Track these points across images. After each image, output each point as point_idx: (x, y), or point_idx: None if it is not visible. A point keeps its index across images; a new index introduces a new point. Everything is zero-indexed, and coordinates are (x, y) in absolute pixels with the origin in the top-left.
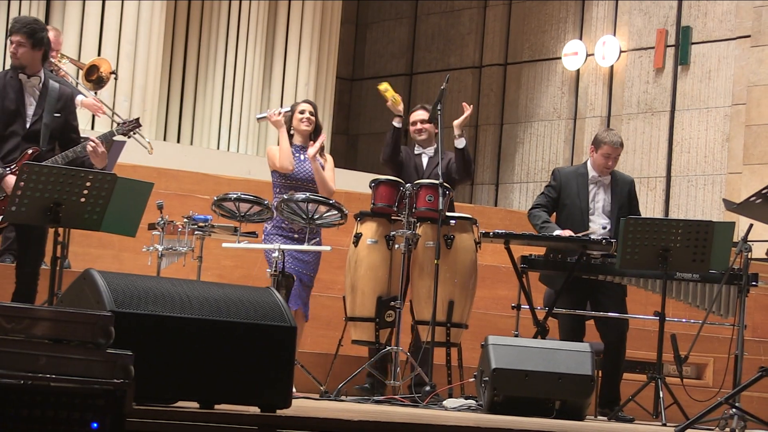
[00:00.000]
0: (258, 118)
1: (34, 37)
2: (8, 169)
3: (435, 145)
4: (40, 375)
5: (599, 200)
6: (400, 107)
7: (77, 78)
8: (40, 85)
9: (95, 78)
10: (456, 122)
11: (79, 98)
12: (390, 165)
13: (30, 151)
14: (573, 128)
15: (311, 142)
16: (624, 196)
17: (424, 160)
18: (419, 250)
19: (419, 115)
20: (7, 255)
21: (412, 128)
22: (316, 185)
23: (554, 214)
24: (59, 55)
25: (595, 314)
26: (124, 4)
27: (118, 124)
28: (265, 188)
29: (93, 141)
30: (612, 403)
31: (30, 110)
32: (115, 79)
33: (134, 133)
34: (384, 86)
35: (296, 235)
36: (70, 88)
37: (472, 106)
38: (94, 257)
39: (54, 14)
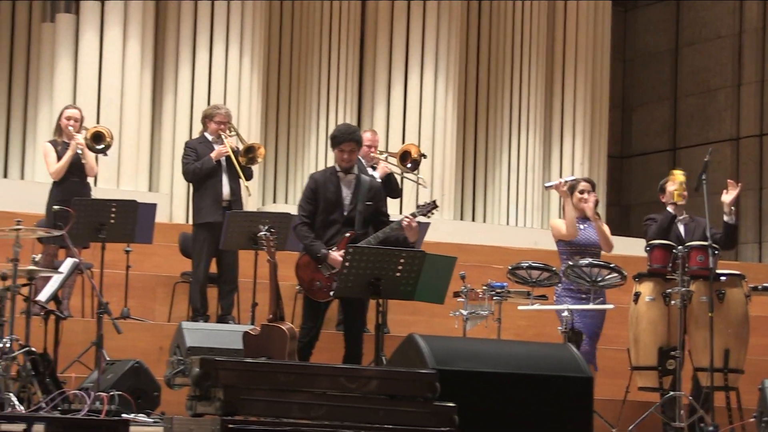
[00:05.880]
0: (546, 186)
1: (360, 142)
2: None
3: (685, 214)
4: (377, 426)
5: None
6: (679, 200)
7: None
8: (354, 179)
9: (410, 163)
10: (727, 201)
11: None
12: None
13: (348, 234)
14: None
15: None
16: None
17: (681, 228)
18: (694, 305)
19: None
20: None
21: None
22: (597, 249)
23: None
24: (378, 151)
25: None
26: (422, 105)
27: (417, 206)
28: (551, 256)
29: (407, 217)
30: None
31: (347, 200)
32: (424, 158)
33: (432, 214)
34: (680, 180)
35: (583, 295)
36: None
37: (740, 184)
38: (408, 323)
39: (364, 119)
